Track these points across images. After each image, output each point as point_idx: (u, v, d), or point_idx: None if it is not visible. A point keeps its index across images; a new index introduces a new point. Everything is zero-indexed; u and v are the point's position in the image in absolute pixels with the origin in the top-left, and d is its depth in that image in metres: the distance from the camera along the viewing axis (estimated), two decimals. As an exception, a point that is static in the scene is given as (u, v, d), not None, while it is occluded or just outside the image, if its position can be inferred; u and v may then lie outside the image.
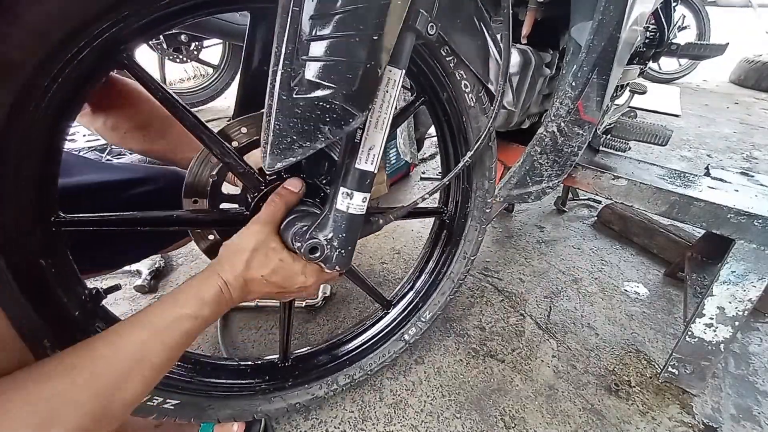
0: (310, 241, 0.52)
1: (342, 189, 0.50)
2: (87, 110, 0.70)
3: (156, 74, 2.62)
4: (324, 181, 0.62)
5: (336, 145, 0.61)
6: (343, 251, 0.53)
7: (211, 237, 0.65)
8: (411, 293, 0.93)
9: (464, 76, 0.65)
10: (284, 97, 0.39)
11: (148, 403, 0.63)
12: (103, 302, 0.59)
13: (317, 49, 0.38)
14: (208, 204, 0.63)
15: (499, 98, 0.58)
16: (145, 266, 1.22)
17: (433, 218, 0.93)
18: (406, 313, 0.92)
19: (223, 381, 0.74)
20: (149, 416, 0.63)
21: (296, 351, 0.85)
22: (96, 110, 0.70)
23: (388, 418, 0.87)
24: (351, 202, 0.50)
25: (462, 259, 0.87)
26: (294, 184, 0.57)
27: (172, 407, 0.65)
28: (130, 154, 1.85)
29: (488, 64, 0.64)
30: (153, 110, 0.74)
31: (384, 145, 0.50)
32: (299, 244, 0.52)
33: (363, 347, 0.89)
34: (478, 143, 0.61)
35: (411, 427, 0.85)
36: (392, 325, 0.91)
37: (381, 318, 0.92)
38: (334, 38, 0.38)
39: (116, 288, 0.67)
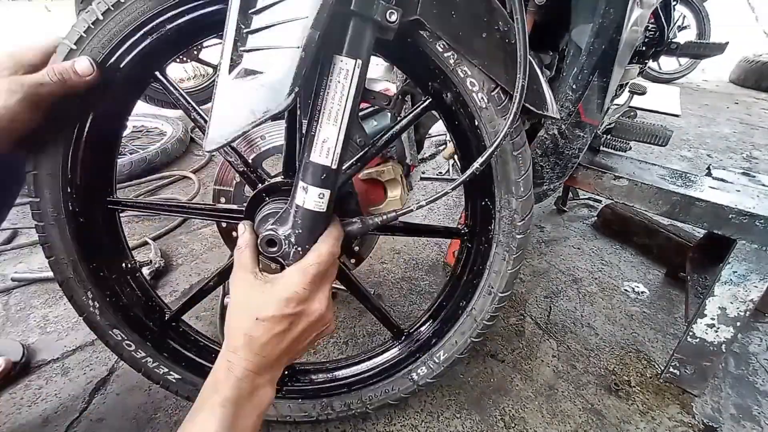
0: (267, 232, 0.52)
1: (300, 183, 0.50)
2: None
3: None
4: None
5: None
6: (300, 249, 0.52)
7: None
8: (427, 326, 0.81)
9: (468, 74, 0.57)
10: (224, 85, 0.44)
11: (156, 369, 0.73)
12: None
13: (253, 41, 0.43)
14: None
15: (518, 97, 0.51)
16: (145, 266, 1.22)
17: (451, 239, 0.87)
18: (416, 347, 0.80)
19: None
20: (155, 382, 0.75)
21: (296, 362, 0.83)
22: None
23: (388, 418, 0.87)
24: (306, 196, 0.50)
25: (486, 294, 0.72)
26: (241, 228, 0.58)
27: (174, 380, 0.75)
28: (130, 154, 1.85)
29: (501, 60, 0.56)
30: None
31: (343, 140, 0.49)
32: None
33: (363, 376, 0.81)
34: (493, 149, 0.54)
35: (411, 427, 0.86)
36: (398, 357, 0.81)
37: (388, 349, 0.83)
38: (265, 29, 0.42)
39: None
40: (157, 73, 0.60)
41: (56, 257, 0.63)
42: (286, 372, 0.80)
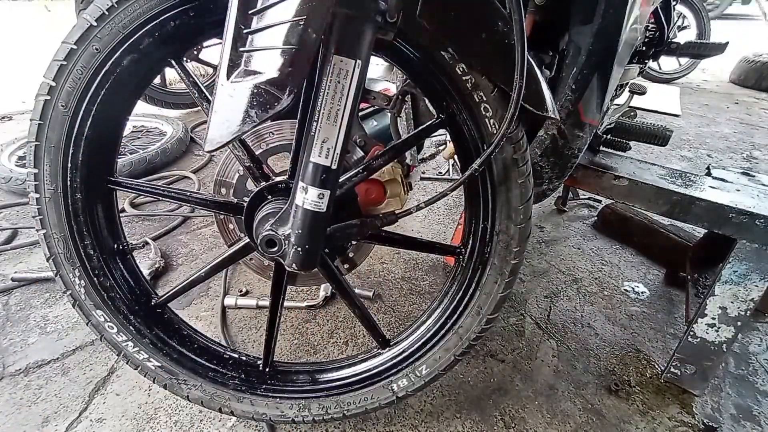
0: (266, 232, 0.53)
1: (299, 183, 0.51)
2: None
3: (156, 74, 2.63)
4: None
5: None
6: (299, 249, 0.52)
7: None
8: (411, 338, 0.79)
9: (484, 99, 0.57)
10: (223, 86, 0.43)
11: (136, 355, 0.73)
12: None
13: (253, 41, 0.42)
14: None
15: (515, 98, 0.49)
16: (145, 267, 1.22)
17: (446, 256, 0.87)
18: (399, 358, 0.79)
19: (204, 362, 0.77)
20: (133, 367, 0.74)
21: (280, 360, 0.83)
22: None
23: (388, 418, 0.87)
24: (306, 197, 0.50)
25: (475, 314, 0.72)
26: None
27: (153, 367, 0.74)
28: (130, 154, 1.85)
29: (500, 61, 0.55)
30: None
31: (343, 141, 0.49)
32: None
33: (344, 381, 0.80)
34: (491, 149, 0.54)
35: (411, 427, 0.86)
36: (380, 367, 0.79)
37: (373, 357, 0.82)
38: (265, 29, 0.41)
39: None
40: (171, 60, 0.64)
41: (48, 231, 0.63)
42: (269, 370, 0.80)
